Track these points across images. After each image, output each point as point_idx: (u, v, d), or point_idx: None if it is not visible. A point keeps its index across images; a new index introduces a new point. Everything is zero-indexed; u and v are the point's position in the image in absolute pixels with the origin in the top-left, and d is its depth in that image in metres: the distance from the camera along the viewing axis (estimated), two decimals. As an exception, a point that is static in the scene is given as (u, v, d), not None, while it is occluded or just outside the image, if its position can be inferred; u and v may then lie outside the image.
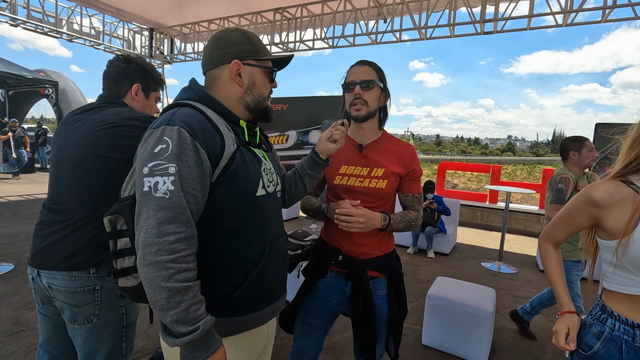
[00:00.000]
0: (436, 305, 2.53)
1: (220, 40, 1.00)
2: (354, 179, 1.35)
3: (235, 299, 0.94)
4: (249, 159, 0.97)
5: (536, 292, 3.75)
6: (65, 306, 1.25)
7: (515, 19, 5.67)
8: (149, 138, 0.86)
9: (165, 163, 0.81)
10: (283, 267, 1.10)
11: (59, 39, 8.34)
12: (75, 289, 1.23)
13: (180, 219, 0.80)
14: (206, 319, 0.81)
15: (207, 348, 0.81)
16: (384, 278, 1.38)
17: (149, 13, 8.69)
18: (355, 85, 1.31)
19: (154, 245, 0.77)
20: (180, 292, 0.78)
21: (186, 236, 0.81)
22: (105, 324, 1.29)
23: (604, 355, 0.94)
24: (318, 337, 1.46)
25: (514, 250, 5.38)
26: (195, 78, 1.04)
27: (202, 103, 0.96)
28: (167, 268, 0.77)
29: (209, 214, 0.90)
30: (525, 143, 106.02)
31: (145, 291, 0.79)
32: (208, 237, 0.90)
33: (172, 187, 0.80)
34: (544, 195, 6.91)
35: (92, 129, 1.27)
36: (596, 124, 5.13)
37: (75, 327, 1.27)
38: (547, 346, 2.69)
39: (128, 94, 1.43)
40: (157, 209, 0.79)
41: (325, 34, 7.30)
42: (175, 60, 10.41)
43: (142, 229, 0.79)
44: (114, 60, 1.44)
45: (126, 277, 0.91)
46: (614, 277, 0.95)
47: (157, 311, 0.79)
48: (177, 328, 0.78)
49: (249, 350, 1.03)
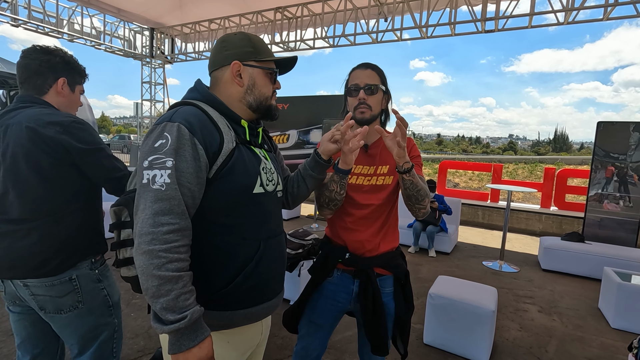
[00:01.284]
0: (437, 304, 2.53)
1: (223, 43, 1.04)
2: (362, 177, 1.37)
3: (228, 294, 0.96)
4: (247, 157, 0.99)
5: (538, 291, 3.75)
6: (47, 299, 1.26)
7: (516, 17, 5.66)
8: (151, 134, 0.90)
9: (163, 157, 0.85)
10: (280, 266, 1.10)
11: (60, 39, 8.36)
12: (52, 281, 1.26)
13: (175, 211, 0.84)
14: (194, 309, 0.83)
15: (193, 337, 0.83)
16: (390, 276, 1.39)
17: (149, 13, 8.70)
18: (360, 90, 1.32)
19: (148, 235, 0.81)
20: (170, 281, 0.81)
21: (180, 227, 0.84)
22: (91, 308, 1.34)
23: None
24: (323, 337, 1.47)
25: (515, 249, 5.37)
26: (200, 79, 1.08)
27: (205, 102, 1.00)
28: (160, 257, 0.80)
29: (205, 208, 0.93)
30: (527, 142, 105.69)
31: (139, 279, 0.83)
32: (204, 231, 0.93)
33: (169, 180, 0.84)
34: (546, 194, 6.94)
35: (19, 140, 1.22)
36: (598, 123, 5.08)
37: (62, 316, 1.30)
38: (549, 345, 2.68)
39: (52, 89, 1.35)
40: (153, 200, 0.82)
41: (326, 33, 7.29)
42: (176, 60, 10.44)
43: (139, 219, 0.83)
44: (32, 51, 1.33)
45: (128, 267, 0.95)
46: None
47: (148, 298, 0.81)
48: (166, 315, 0.80)
49: (241, 346, 1.04)
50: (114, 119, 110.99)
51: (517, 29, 6.07)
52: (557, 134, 76.76)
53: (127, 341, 2.45)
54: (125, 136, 26.94)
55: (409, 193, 1.28)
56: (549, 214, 6.53)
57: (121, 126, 77.74)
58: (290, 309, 1.49)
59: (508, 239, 5.56)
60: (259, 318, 1.05)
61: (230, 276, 0.96)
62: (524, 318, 3.13)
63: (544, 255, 4.50)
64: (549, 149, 67.19)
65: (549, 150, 63.59)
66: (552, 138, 77.96)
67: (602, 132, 5.04)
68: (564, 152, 59.97)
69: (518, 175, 17.29)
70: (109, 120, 77.42)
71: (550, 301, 3.52)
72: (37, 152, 1.21)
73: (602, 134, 5.04)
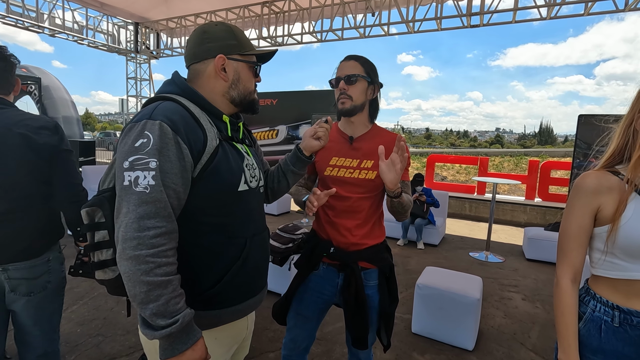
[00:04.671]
0: (425, 294, 2.60)
1: (205, 34, 0.98)
2: (344, 170, 1.39)
3: (215, 293, 0.95)
4: (231, 155, 0.97)
5: (522, 280, 3.87)
6: (22, 282, 1.37)
7: (501, 12, 5.74)
8: (129, 132, 0.84)
9: (146, 157, 0.81)
10: (264, 262, 1.11)
11: (41, 34, 8.13)
12: (34, 263, 1.38)
13: (161, 214, 0.80)
14: (185, 312, 0.82)
15: (186, 340, 0.82)
16: (375, 269, 1.41)
17: (134, 7, 8.51)
18: (340, 81, 1.35)
19: (134, 240, 0.77)
20: (160, 286, 0.79)
21: (167, 231, 0.81)
22: (56, 288, 1.48)
23: (584, 334, 0.99)
24: (311, 328, 1.50)
25: (501, 240, 5.51)
26: (177, 71, 1.02)
27: (184, 97, 0.95)
28: (147, 262, 0.78)
29: (190, 208, 0.90)
30: (513, 135, 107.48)
31: (124, 284, 0.80)
32: (189, 232, 0.91)
33: (153, 181, 0.80)
34: (530, 185, 7.10)
35: None
36: (579, 116, 5.20)
37: (30, 298, 1.40)
38: (532, 331, 2.79)
39: (13, 89, 1.43)
40: (137, 203, 0.79)
41: (314, 27, 7.27)
42: (161, 55, 10.26)
43: (122, 223, 0.79)
44: (4, 53, 1.37)
45: (104, 270, 0.91)
46: (600, 263, 0.99)
47: (137, 304, 0.79)
48: (157, 321, 0.79)
49: (228, 342, 1.05)
50: (98, 116, 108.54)
51: (502, 24, 6.16)
52: (542, 127, 78.22)
53: (119, 338, 2.45)
54: (111, 133, 26.46)
55: (395, 210, 1.31)
56: (533, 205, 6.70)
57: (106, 123, 76.18)
58: (279, 302, 1.52)
59: (494, 230, 5.69)
60: (245, 314, 1.06)
61: (218, 275, 0.95)
62: (509, 306, 3.23)
63: (528, 245, 4.63)
64: (535, 142, 68.45)
65: (535, 143, 64.77)
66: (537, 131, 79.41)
67: (584, 125, 5.17)
68: (549, 144, 61.19)
69: (504, 168, 17.60)
70: (94, 117, 75.60)
71: (534, 289, 3.64)
72: (27, 154, 1.32)
73: (583, 127, 5.17)
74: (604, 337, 0.95)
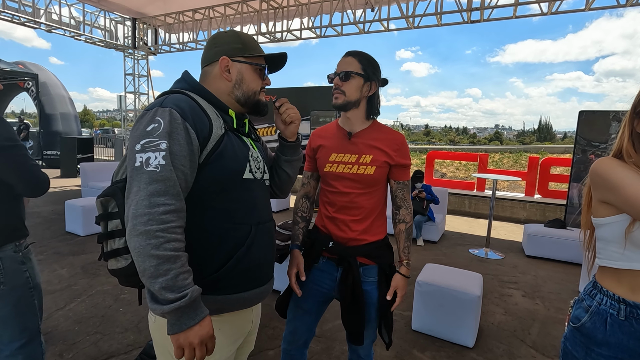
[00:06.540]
0: (425, 291, 2.59)
1: (214, 40, 1.08)
2: (343, 165, 1.39)
3: (220, 277, 0.97)
4: (236, 144, 1.02)
5: (522, 277, 3.86)
6: None
7: (501, 7, 5.71)
8: (142, 119, 0.90)
9: (157, 140, 0.86)
10: (270, 252, 1.12)
11: (37, 29, 8.07)
12: None
13: (170, 192, 0.84)
14: (194, 288, 0.84)
15: (194, 315, 0.84)
16: (375, 265, 1.41)
17: (131, 2, 8.44)
18: (335, 77, 1.36)
19: (144, 216, 0.80)
20: (169, 260, 0.81)
21: (176, 208, 0.84)
22: (13, 289, 1.42)
23: (590, 327, 1.00)
24: (310, 322, 1.50)
25: (500, 237, 5.51)
26: (188, 70, 1.09)
27: (193, 92, 1.01)
28: (157, 237, 0.80)
29: (196, 193, 0.94)
30: (512, 132, 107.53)
31: (135, 269, 0.82)
32: (195, 216, 0.94)
33: (164, 161, 0.84)
34: (530, 182, 7.10)
35: None
36: (580, 112, 5.20)
37: None
38: (532, 327, 2.78)
39: None
40: (148, 181, 0.83)
41: (313, 23, 7.22)
42: (159, 51, 10.20)
43: (133, 202, 0.82)
44: None
45: (116, 258, 0.94)
46: (605, 253, 1.00)
47: (146, 279, 0.81)
48: (165, 295, 0.80)
49: (233, 333, 1.06)
50: (96, 112, 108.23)
51: (503, 19, 6.13)
52: (541, 123, 78.27)
53: (117, 335, 2.44)
54: (109, 130, 26.35)
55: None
56: (532, 201, 6.70)
57: (104, 120, 75.93)
58: (282, 295, 1.53)
59: (493, 227, 5.69)
60: (251, 303, 1.07)
61: (222, 260, 0.97)
62: (509, 303, 3.22)
63: (527, 242, 4.62)
64: (534, 138, 68.48)
65: (534, 140, 64.83)
66: (536, 128, 79.47)
67: (584, 121, 5.16)
68: (548, 141, 61.24)
69: (503, 165, 17.60)
70: (92, 114, 75.42)
71: (534, 286, 3.64)
72: None
73: (583, 123, 5.16)
74: (609, 330, 0.96)
